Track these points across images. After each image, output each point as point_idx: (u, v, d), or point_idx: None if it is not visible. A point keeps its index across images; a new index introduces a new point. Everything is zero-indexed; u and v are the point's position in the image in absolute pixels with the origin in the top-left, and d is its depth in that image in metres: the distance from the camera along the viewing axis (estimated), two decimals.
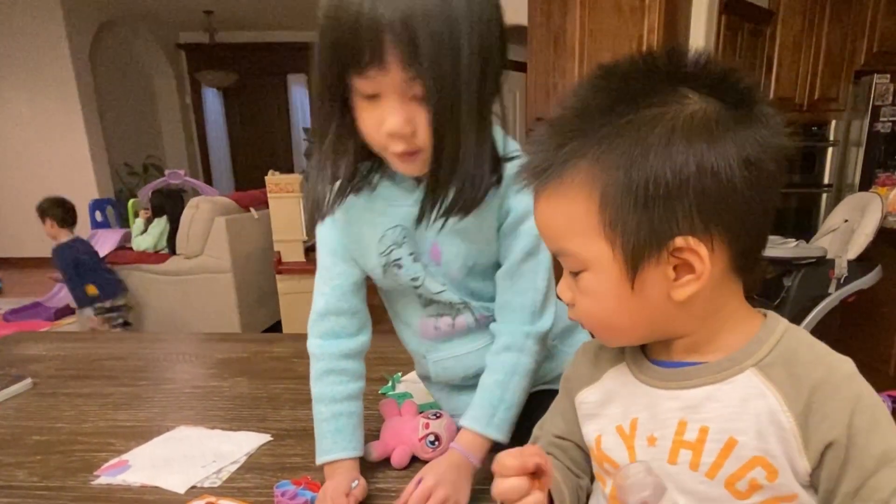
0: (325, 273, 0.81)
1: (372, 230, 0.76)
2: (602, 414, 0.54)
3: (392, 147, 0.66)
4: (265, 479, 0.78)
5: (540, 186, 0.48)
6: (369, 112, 0.66)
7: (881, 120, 3.57)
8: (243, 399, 1.07)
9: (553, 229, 0.49)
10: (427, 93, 0.63)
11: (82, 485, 0.79)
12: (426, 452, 0.79)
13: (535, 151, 0.49)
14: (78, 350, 1.39)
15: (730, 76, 0.45)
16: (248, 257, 3.44)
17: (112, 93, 6.05)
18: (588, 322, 0.51)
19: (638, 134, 0.43)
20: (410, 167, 0.70)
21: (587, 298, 0.48)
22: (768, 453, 0.44)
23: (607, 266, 0.46)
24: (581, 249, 0.46)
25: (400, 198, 0.75)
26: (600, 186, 0.44)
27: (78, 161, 5.50)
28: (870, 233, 2.41)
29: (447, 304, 0.80)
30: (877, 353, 2.72)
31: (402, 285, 0.79)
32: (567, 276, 0.50)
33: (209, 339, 1.57)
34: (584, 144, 0.45)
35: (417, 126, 0.65)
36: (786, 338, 0.47)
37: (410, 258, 0.77)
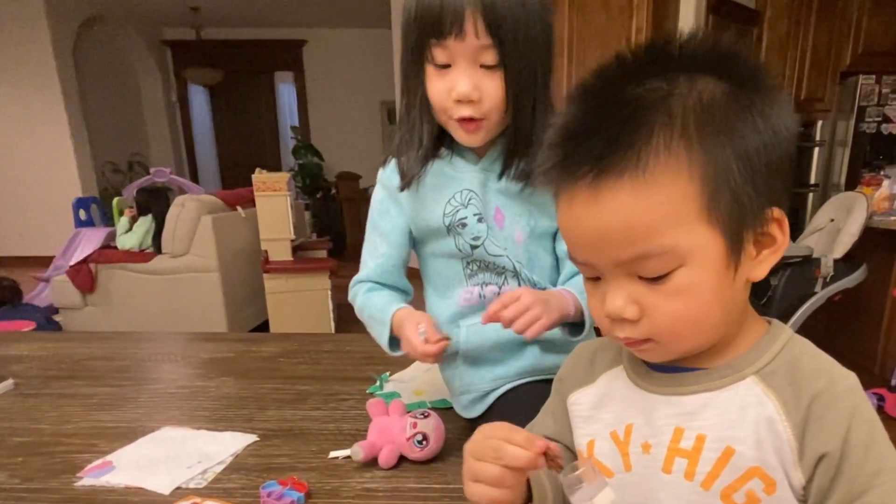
0: (373, 249, 0.90)
1: (438, 194, 0.83)
2: (595, 418, 0.52)
3: (458, 112, 0.74)
4: (251, 479, 0.78)
5: (612, 181, 0.40)
6: (440, 81, 0.74)
7: (866, 120, 3.62)
8: (229, 399, 1.06)
9: (642, 226, 0.40)
10: (502, 59, 0.72)
11: (65, 486, 0.78)
12: (414, 452, 0.79)
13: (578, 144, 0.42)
14: (61, 350, 1.37)
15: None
16: (234, 256, 3.41)
17: (96, 90, 5.97)
18: (667, 331, 0.44)
19: (730, 105, 0.41)
20: (472, 137, 0.77)
21: (679, 300, 0.42)
22: (766, 464, 0.42)
23: (710, 252, 0.41)
24: (680, 241, 0.40)
25: (465, 166, 0.83)
26: (700, 165, 0.40)
27: (61, 159, 5.42)
28: (855, 232, 2.45)
29: (497, 271, 0.85)
30: (862, 352, 2.75)
31: (459, 247, 0.84)
32: (626, 288, 0.43)
33: (195, 339, 1.56)
34: (665, 125, 0.40)
35: (484, 94, 0.73)
36: (789, 346, 0.45)
37: (475, 219, 0.83)
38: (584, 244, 0.44)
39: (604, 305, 0.44)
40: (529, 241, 0.85)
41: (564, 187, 0.43)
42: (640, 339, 0.44)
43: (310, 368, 1.21)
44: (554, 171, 0.44)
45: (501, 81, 0.74)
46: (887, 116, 3.59)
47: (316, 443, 0.86)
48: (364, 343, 0.77)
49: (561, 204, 0.45)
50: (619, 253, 0.41)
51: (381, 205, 0.89)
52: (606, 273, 0.44)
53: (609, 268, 0.43)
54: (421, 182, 0.83)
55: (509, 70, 0.73)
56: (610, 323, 0.45)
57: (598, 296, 0.45)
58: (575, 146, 0.42)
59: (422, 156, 0.82)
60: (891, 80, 3.55)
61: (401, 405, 0.86)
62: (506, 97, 0.75)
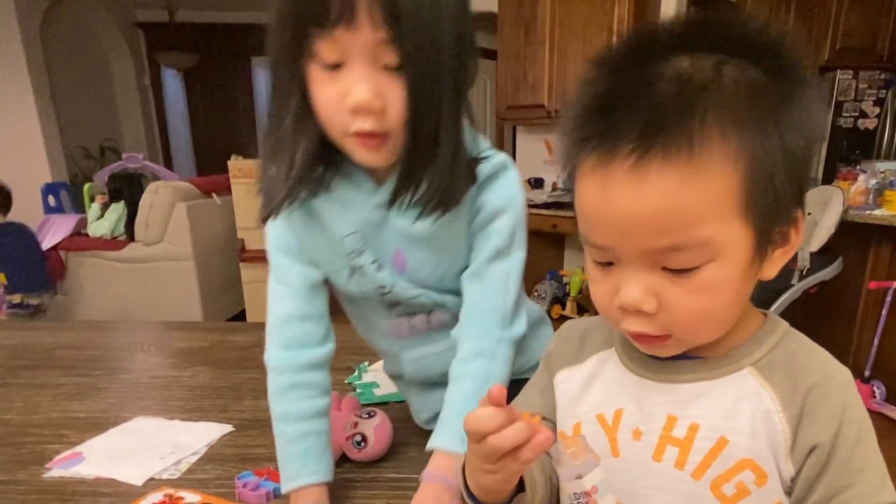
0: (282, 275, 0.72)
1: (329, 236, 0.68)
2: (582, 399, 0.51)
3: (357, 125, 0.57)
4: (226, 470, 0.77)
5: (657, 162, 0.37)
6: (331, 85, 0.57)
7: (843, 115, 3.69)
8: (204, 389, 1.05)
9: (684, 215, 0.38)
10: (404, 58, 0.55)
11: (33, 478, 0.76)
12: (353, 452, 0.76)
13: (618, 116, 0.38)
14: (29, 339, 1.34)
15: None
16: (210, 244, 3.36)
17: (65, 72, 5.79)
18: (684, 328, 0.42)
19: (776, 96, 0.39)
20: (374, 155, 0.61)
21: (702, 296, 0.40)
22: (759, 456, 0.42)
23: (739, 249, 0.40)
24: (716, 235, 0.38)
25: (358, 202, 0.67)
26: (747, 156, 0.37)
27: (29, 143, 5.25)
28: (831, 226, 2.50)
29: (418, 307, 0.74)
30: (837, 344, 2.83)
31: (364, 293, 0.72)
32: (646, 279, 0.40)
33: (168, 328, 1.53)
34: (720, 108, 0.37)
35: (388, 101, 0.57)
36: (785, 340, 0.46)
37: (373, 266, 0.69)
38: (614, 228, 0.40)
39: (616, 295, 0.42)
40: (440, 283, 0.72)
41: (599, 163, 0.39)
42: (656, 334, 0.42)
43: None
44: (586, 141, 0.39)
45: (405, 89, 0.57)
46: (864, 111, 3.67)
47: None
48: (342, 333, 0.75)
49: (588, 180, 0.40)
50: (652, 241, 0.39)
51: (279, 220, 0.68)
52: (627, 260, 0.41)
53: (634, 255, 0.40)
54: (305, 219, 0.68)
55: (415, 74, 0.57)
56: (621, 314, 0.43)
57: (609, 284, 0.43)
58: (613, 118, 0.38)
59: (293, 180, 0.63)
60: (868, 76, 3.62)
61: (353, 402, 0.83)
62: (410, 108, 0.58)
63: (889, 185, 2.65)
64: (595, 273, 0.44)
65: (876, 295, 2.55)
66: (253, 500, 0.69)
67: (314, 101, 0.59)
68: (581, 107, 0.41)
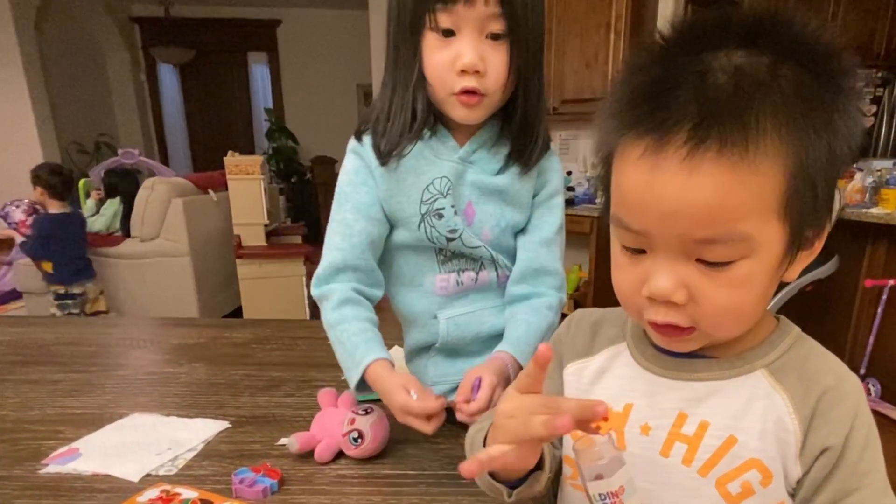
0: (345, 229, 0.80)
1: (417, 178, 0.78)
2: (591, 392, 0.51)
3: (460, 83, 0.70)
4: (223, 466, 0.77)
5: (713, 154, 0.37)
6: (444, 50, 0.70)
7: None
8: (200, 385, 1.04)
9: (730, 209, 0.38)
10: (509, 28, 0.68)
11: (29, 474, 0.76)
12: (349, 448, 0.76)
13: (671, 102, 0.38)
14: (25, 335, 1.33)
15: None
16: (206, 241, 3.36)
17: (60, 67, 5.76)
18: (712, 322, 0.42)
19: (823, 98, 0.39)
20: (471, 112, 0.73)
21: (735, 291, 0.40)
22: (766, 456, 0.43)
23: (773, 248, 0.40)
24: (757, 231, 0.39)
25: (446, 153, 0.78)
26: (797, 157, 0.38)
27: (24, 138, 5.22)
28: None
29: (473, 258, 0.81)
30: (833, 342, 2.83)
31: (431, 239, 0.79)
32: (679, 269, 0.40)
33: (164, 325, 1.53)
34: (778, 105, 0.37)
35: (489, 66, 0.70)
36: (798, 344, 0.46)
37: (452, 210, 0.78)
38: (656, 214, 0.39)
39: (644, 284, 0.42)
40: (496, 240, 0.82)
41: (650, 148, 0.39)
42: (684, 325, 0.42)
43: (283, 355, 1.20)
44: (638, 125, 0.39)
45: (506, 55, 0.70)
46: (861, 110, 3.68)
47: (290, 429, 0.84)
48: None
49: (637, 166, 0.40)
50: (694, 231, 0.38)
51: (356, 176, 0.80)
52: (662, 248, 0.40)
53: (670, 244, 0.40)
54: (401, 162, 0.78)
55: (516, 42, 0.70)
56: (647, 304, 0.43)
57: (638, 272, 0.42)
58: (668, 105, 0.38)
59: (414, 132, 0.76)
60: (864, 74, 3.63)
61: (350, 398, 0.83)
62: (508, 72, 0.71)
63: (885, 183, 2.66)
64: (622, 260, 0.44)
65: (871, 293, 2.56)
66: (250, 496, 0.69)
67: (427, 64, 0.72)
68: (630, 91, 0.41)
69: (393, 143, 0.76)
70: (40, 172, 2.81)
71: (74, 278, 2.85)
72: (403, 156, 0.77)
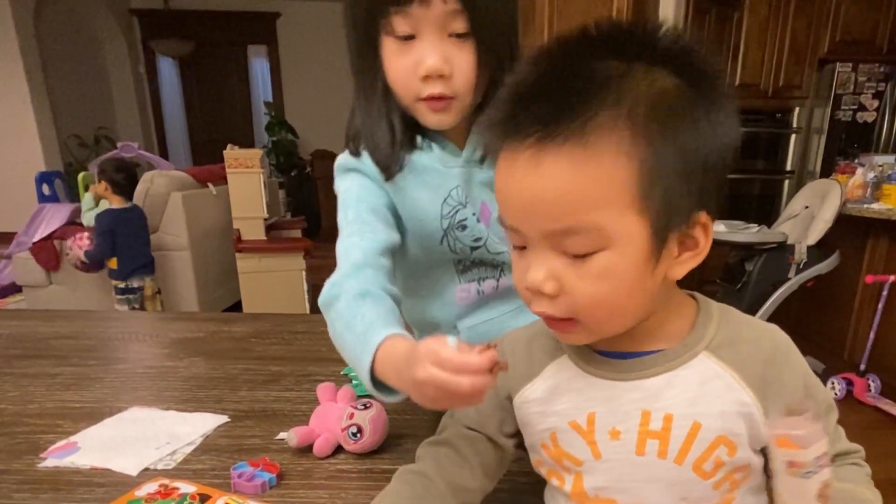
0: (363, 227, 0.71)
1: (432, 192, 0.74)
2: (549, 411, 0.52)
3: (427, 90, 0.65)
4: (222, 460, 0.76)
5: (553, 147, 0.40)
6: (404, 55, 0.65)
7: (842, 108, 3.69)
8: (199, 380, 1.04)
9: (576, 199, 0.40)
10: (472, 25, 0.63)
11: (28, 468, 0.76)
12: (348, 443, 0.76)
13: (527, 105, 0.41)
14: (24, 329, 1.33)
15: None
16: (206, 235, 3.35)
17: (59, 60, 5.74)
18: (586, 313, 0.44)
19: (680, 101, 0.41)
20: (440, 117, 0.68)
21: (597, 283, 0.42)
22: (730, 431, 0.45)
23: (634, 242, 0.41)
24: (608, 223, 0.41)
25: (450, 159, 0.74)
26: (641, 153, 0.40)
27: (23, 131, 5.22)
28: (829, 219, 2.51)
29: (494, 265, 0.79)
30: (833, 338, 2.84)
31: (454, 251, 0.76)
32: (549, 262, 0.43)
33: (163, 319, 1.52)
34: (614, 104, 0.40)
35: (455, 67, 0.64)
36: (723, 319, 0.49)
37: (474, 218, 0.75)
38: (517, 208, 0.43)
39: (525, 276, 0.44)
40: None
41: (507, 146, 0.43)
42: (559, 316, 0.44)
43: (283, 349, 1.20)
44: (500, 128, 0.43)
45: (473, 54, 0.65)
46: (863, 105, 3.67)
47: (289, 424, 0.84)
48: None
49: (501, 164, 0.44)
50: (548, 223, 0.42)
51: (368, 187, 0.74)
52: (533, 243, 0.44)
53: (537, 238, 0.43)
54: (403, 176, 0.73)
55: (481, 39, 0.64)
56: (530, 295, 0.45)
57: (522, 266, 0.45)
58: (524, 107, 0.42)
59: (399, 144, 0.71)
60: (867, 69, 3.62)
61: (349, 393, 0.83)
62: (477, 71, 0.65)
63: (887, 178, 2.66)
64: (514, 256, 0.47)
65: (872, 289, 2.56)
66: (248, 490, 0.69)
67: (389, 71, 0.67)
68: (502, 97, 0.44)
69: (387, 158, 0.72)
70: (106, 167, 2.81)
71: (134, 273, 2.84)
72: (404, 167, 0.72)
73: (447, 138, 0.74)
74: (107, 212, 2.80)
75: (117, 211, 2.80)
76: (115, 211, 2.80)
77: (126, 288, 2.83)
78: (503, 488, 0.67)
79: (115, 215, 2.79)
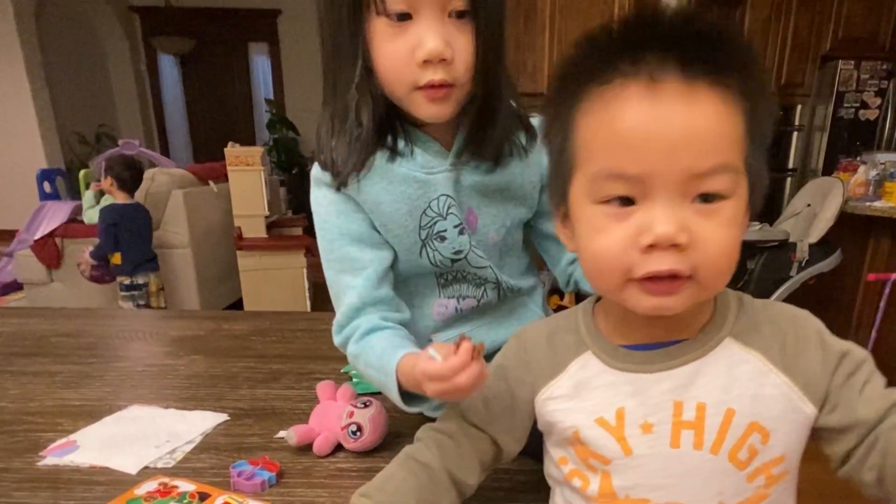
0: (353, 265, 0.70)
1: (412, 206, 0.68)
2: (575, 408, 0.50)
3: (428, 77, 0.59)
4: (221, 459, 0.76)
5: (707, 82, 0.40)
6: (399, 38, 0.58)
7: (845, 106, 3.68)
8: (199, 378, 1.04)
9: (726, 138, 0.41)
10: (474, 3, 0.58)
11: (27, 466, 0.76)
12: (348, 442, 0.76)
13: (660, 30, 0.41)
14: (24, 326, 1.33)
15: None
16: (207, 232, 3.35)
17: (60, 57, 5.73)
18: (711, 265, 0.42)
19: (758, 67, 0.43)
20: (440, 107, 0.62)
21: (727, 231, 0.42)
22: (762, 416, 0.45)
23: (742, 196, 0.43)
24: (739, 170, 0.42)
25: (435, 162, 0.68)
26: (748, 108, 0.42)
27: (24, 129, 5.21)
28: (831, 217, 2.50)
29: (477, 282, 0.75)
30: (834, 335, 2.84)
31: (434, 263, 0.72)
32: (678, 213, 0.40)
33: (164, 317, 1.52)
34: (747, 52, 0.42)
35: (456, 51, 0.59)
36: (743, 305, 0.49)
37: (456, 231, 0.70)
38: (662, 147, 0.40)
39: (642, 235, 0.41)
40: (503, 241, 0.76)
41: (643, 86, 0.40)
42: (686, 272, 0.41)
43: (283, 347, 1.19)
44: (620, 70, 0.41)
45: (472, 36, 0.60)
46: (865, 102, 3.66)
47: (289, 422, 0.84)
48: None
49: (633, 105, 0.40)
50: (698, 161, 0.40)
51: (342, 205, 0.69)
52: (661, 191, 0.40)
53: (670, 183, 0.40)
54: (378, 190, 0.67)
55: (482, 18, 0.59)
56: (644, 258, 0.41)
57: (628, 227, 0.42)
58: (657, 31, 0.41)
59: (362, 143, 0.64)
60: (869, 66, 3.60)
61: (349, 391, 0.82)
62: (476, 56, 0.60)
63: (889, 176, 2.65)
64: (604, 222, 0.43)
65: (874, 287, 2.55)
66: (248, 489, 0.68)
67: (378, 57, 0.60)
68: (604, 40, 0.43)
69: (341, 162, 0.65)
70: (114, 164, 2.83)
71: (140, 268, 2.85)
72: (362, 172, 0.66)
73: (433, 137, 0.69)
74: (110, 206, 2.81)
75: (121, 206, 2.82)
76: (119, 206, 2.82)
77: (132, 285, 2.84)
78: (503, 487, 0.68)
79: (118, 210, 2.80)
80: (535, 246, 0.84)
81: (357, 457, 0.77)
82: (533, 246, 0.84)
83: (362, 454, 0.77)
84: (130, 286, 2.84)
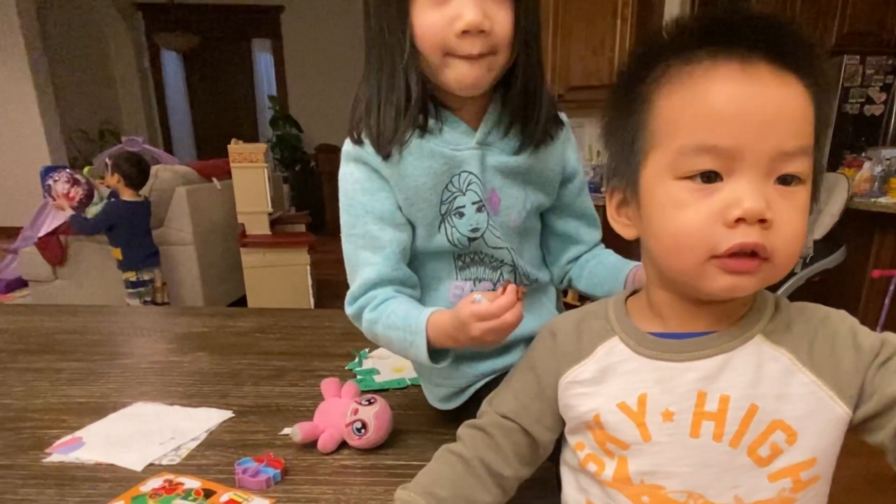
0: (373, 242, 0.71)
1: (434, 178, 0.70)
2: (597, 392, 0.51)
3: (462, 48, 0.61)
4: (226, 456, 0.77)
5: (790, 69, 0.42)
6: (437, 10, 0.61)
7: (850, 101, 3.64)
8: (204, 374, 1.04)
9: (809, 124, 0.43)
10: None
11: (33, 463, 0.76)
12: (353, 439, 0.76)
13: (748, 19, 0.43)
14: (30, 324, 1.34)
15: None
16: (210, 229, 3.35)
17: (63, 54, 5.74)
18: (787, 247, 0.43)
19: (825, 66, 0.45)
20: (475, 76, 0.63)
21: (801, 216, 0.43)
22: (789, 416, 0.45)
23: (809, 185, 0.44)
24: (813, 155, 0.43)
25: (461, 140, 0.70)
26: (818, 101, 0.43)
27: (28, 126, 5.22)
28: (836, 213, 2.48)
29: (493, 265, 0.76)
30: None
31: (452, 241, 0.73)
32: (764, 190, 0.42)
33: (168, 313, 1.53)
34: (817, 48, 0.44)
35: (494, 23, 0.61)
36: (780, 305, 0.49)
37: (474, 207, 0.71)
38: (756, 122, 0.41)
39: (727, 209, 0.41)
40: (522, 226, 0.77)
41: (736, 63, 0.42)
42: (768, 249, 0.42)
43: (287, 344, 1.20)
44: (720, 35, 0.42)
45: (511, 11, 0.62)
46: (870, 98, 3.63)
47: (293, 419, 0.84)
48: (343, 319, 0.74)
49: (726, 79, 0.42)
50: (788, 140, 0.41)
51: (369, 183, 0.71)
52: (749, 167, 0.41)
53: (759, 160, 0.41)
54: (405, 156, 0.69)
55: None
56: (729, 232, 0.42)
57: (713, 202, 0.42)
58: (749, 22, 0.43)
59: (412, 115, 0.67)
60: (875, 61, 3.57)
61: (353, 388, 0.82)
62: (514, 30, 0.63)
63: (894, 172, 2.63)
64: (687, 197, 0.43)
65: (879, 283, 2.54)
66: (253, 486, 0.69)
67: (418, 27, 0.62)
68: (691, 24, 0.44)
69: (390, 132, 0.68)
70: (120, 161, 2.84)
71: (144, 263, 2.87)
72: (405, 143, 0.68)
73: (461, 118, 0.71)
74: (118, 203, 2.82)
75: (129, 203, 2.83)
76: (127, 203, 2.83)
77: (138, 281, 2.85)
78: None
79: (126, 208, 2.82)
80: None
81: (361, 454, 0.77)
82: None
83: (367, 451, 0.77)
84: (136, 283, 2.85)
